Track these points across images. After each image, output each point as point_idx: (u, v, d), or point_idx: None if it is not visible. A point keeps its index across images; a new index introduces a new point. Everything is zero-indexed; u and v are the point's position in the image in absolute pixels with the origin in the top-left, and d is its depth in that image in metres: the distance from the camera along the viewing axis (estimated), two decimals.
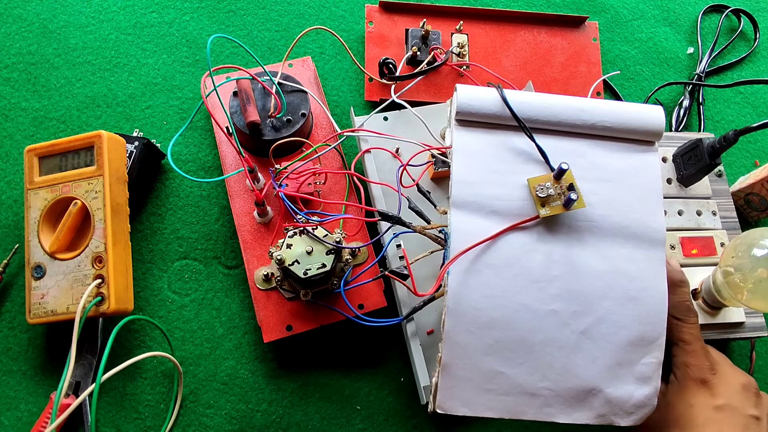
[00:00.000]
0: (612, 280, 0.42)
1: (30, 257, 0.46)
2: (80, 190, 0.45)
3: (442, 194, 0.53)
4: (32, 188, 0.46)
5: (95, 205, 0.44)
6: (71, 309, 0.44)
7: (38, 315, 0.45)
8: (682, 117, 0.65)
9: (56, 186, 0.45)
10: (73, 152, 0.46)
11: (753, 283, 0.43)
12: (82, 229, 0.46)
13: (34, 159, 0.46)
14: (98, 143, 0.45)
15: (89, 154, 0.46)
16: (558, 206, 0.41)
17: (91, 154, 0.46)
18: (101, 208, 0.44)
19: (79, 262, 0.44)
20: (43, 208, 0.45)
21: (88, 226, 0.45)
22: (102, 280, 0.44)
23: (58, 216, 0.46)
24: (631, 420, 0.41)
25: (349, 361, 0.52)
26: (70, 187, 0.45)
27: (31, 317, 0.45)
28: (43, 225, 0.45)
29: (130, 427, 0.48)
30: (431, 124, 0.52)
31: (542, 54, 0.65)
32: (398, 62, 0.59)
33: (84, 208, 0.45)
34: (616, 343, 0.41)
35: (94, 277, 0.44)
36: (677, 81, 0.67)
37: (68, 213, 0.45)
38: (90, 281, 0.44)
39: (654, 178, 0.44)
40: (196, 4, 0.64)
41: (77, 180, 0.45)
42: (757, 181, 0.57)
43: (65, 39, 0.60)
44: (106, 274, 0.44)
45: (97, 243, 0.44)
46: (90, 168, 0.45)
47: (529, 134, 0.43)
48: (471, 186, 0.42)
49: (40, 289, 0.44)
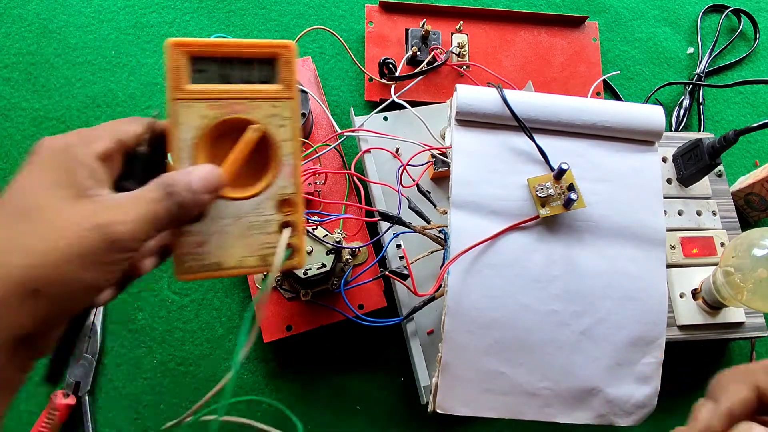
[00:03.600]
0: (612, 280, 0.42)
1: None
2: (259, 112, 0.33)
3: (442, 194, 0.53)
4: (182, 98, 0.33)
5: (281, 134, 0.34)
6: (246, 262, 0.34)
7: (194, 269, 0.33)
8: (682, 117, 0.65)
9: (220, 101, 0.33)
10: (243, 61, 0.34)
11: (753, 283, 0.43)
12: (253, 165, 0.34)
13: (183, 58, 0.33)
14: (286, 56, 0.33)
15: (268, 68, 0.34)
16: (558, 206, 0.41)
17: (272, 69, 0.34)
18: (289, 141, 0.34)
19: (257, 204, 0.34)
20: (202, 127, 0.33)
21: (264, 160, 0.34)
22: (291, 229, 0.34)
23: (218, 141, 0.33)
24: (632, 420, 0.41)
25: (349, 361, 0.51)
26: (244, 107, 0.33)
27: (182, 271, 0.33)
28: (199, 150, 0.33)
29: (130, 427, 0.48)
30: (431, 124, 0.52)
31: (542, 54, 0.65)
32: (398, 62, 0.59)
33: (267, 136, 0.34)
34: (616, 343, 0.41)
35: (280, 224, 0.34)
36: (677, 81, 0.67)
37: (244, 140, 0.33)
38: (274, 229, 0.34)
39: (654, 178, 0.44)
40: (196, 4, 0.63)
41: (255, 99, 0.33)
42: (757, 181, 0.57)
43: (65, 39, 0.60)
44: (296, 222, 0.34)
45: (283, 183, 0.34)
46: (273, 86, 0.34)
47: (529, 134, 0.43)
48: (471, 186, 0.42)
49: (197, 234, 0.33)
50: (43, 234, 0.25)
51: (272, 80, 0.34)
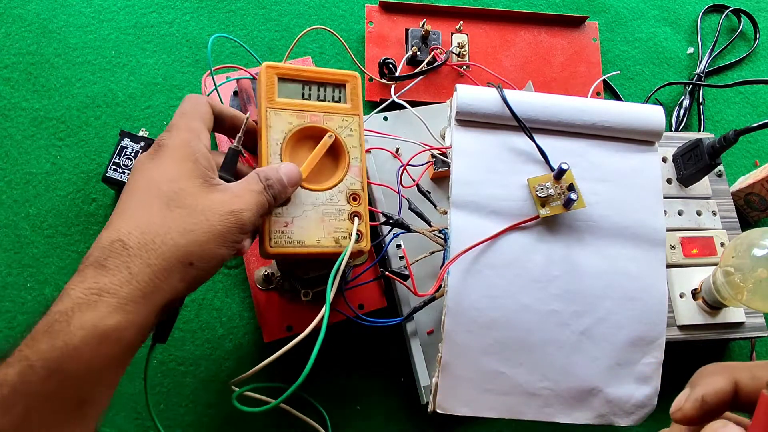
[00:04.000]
0: (612, 280, 0.42)
1: None
2: (333, 123, 0.43)
3: (442, 194, 0.53)
4: (272, 107, 0.42)
5: (350, 142, 0.43)
6: (322, 243, 0.41)
7: (281, 244, 0.40)
8: (682, 117, 0.65)
9: (302, 112, 0.42)
10: (318, 84, 0.44)
11: (753, 283, 0.43)
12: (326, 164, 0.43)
13: (274, 77, 0.43)
14: (353, 83, 0.44)
15: (339, 90, 0.44)
16: (558, 206, 0.41)
17: (341, 92, 0.44)
18: (356, 147, 0.43)
19: (331, 195, 0.42)
20: (288, 131, 0.42)
21: (334, 161, 0.43)
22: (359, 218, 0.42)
23: (299, 143, 0.42)
24: (631, 420, 0.41)
25: (349, 361, 0.51)
26: (320, 118, 0.43)
27: (272, 246, 0.39)
28: (285, 148, 0.41)
29: (131, 427, 0.48)
30: (431, 124, 0.52)
31: (542, 54, 0.65)
32: (398, 62, 0.59)
33: (339, 142, 0.43)
34: (616, 343, 0.41)
35: (351, 213, 0.42)
36: (677, 81, 0.67)
37: (322, 143, 0.42)
38: (345, 217, 0.41)
39: (654, 178, 0.44)
40: (196, 4, 0.63)
41: (329, 113, 0.43)
42: (757, 181, 0.57)
43: (65, 39, 0.60)
44: (363, 213, 0.42)
45: (352, 180, 0.42)
46: (343, 105, 0.44)
47: (529, 134, 0.43)
48: (471, 186, 0.42)
49: (284, 216, 0.40)
50: (192, 217, 0.31)
51: (342, 100, 0.44)
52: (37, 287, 0.51)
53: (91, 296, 0.28)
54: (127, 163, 0.51)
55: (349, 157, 0.43)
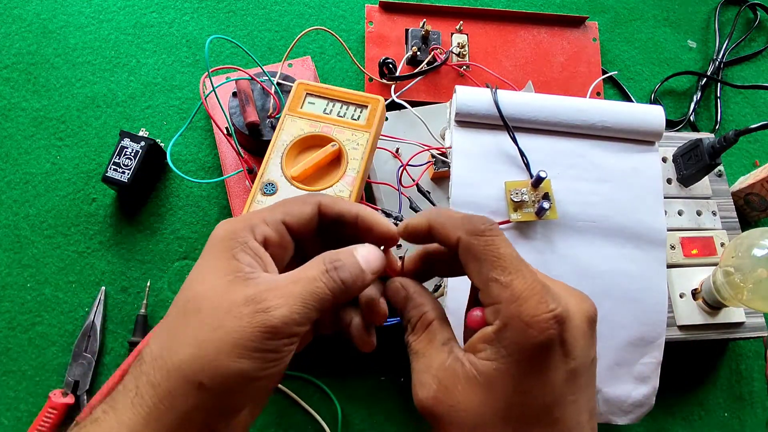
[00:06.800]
0: (612, 280, 0.42)
1: (265, 172, 0.45)
2: (342, 136, 0.46)
3: (442, 194, 0.53)
4: (291, 114, 0.46)
5: (353, 154, 0.45)
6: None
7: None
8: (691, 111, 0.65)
9: (317, 122, 0.46)
10: (343, 102, 0.47)
11: (753, 283, 0.43)
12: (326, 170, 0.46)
13: (303, 92, 0.47)
14: (374, 105, 0.47)
15: (360, 110, 0.47)
16: (530, 213, 0.41)
17: (362, 112, 0.47)
18: (358, 160, 0.45)
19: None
20: (297, 135, 0.46)
21: (335, 170, 0.46)
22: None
23: (305, 148, 0.46)
24: (629, 419, 0.41)
25: (349, 361, 0.51)
26: (332, 130, 0.46)
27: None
28: (290, 150, 0.45)
29: None
30: (431, 124, 0.52)
31: (542, 54, 0.65)
32: (398, 62, 0.59)
33: (340, 151, 0.45)
34: (616, 343, 0.41)
35: None
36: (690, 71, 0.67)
37: (324, 150, 0.45)
38: None
39: (654, 178, 0.44)
40: (196, 4, 0.64)
41: (341, 126, 0.46)
42: (757, 181, 0.57)
43: (65, 39, 0.60)
44: None
45: (342, 187, 0.44)
46: (358, 122, 0.47)
47: (512, 136, 0.42)
48: (470, 186, 0.42)
49: (265, 204, 0.43)
50: (205, 323, 0.24)
51: (359, 119, 0.47)
52: (37, 287, 0.51)
53: (101, 414, 0.24)
54: (127, 163, 0.51)
55: (347, 167, 0.45)
